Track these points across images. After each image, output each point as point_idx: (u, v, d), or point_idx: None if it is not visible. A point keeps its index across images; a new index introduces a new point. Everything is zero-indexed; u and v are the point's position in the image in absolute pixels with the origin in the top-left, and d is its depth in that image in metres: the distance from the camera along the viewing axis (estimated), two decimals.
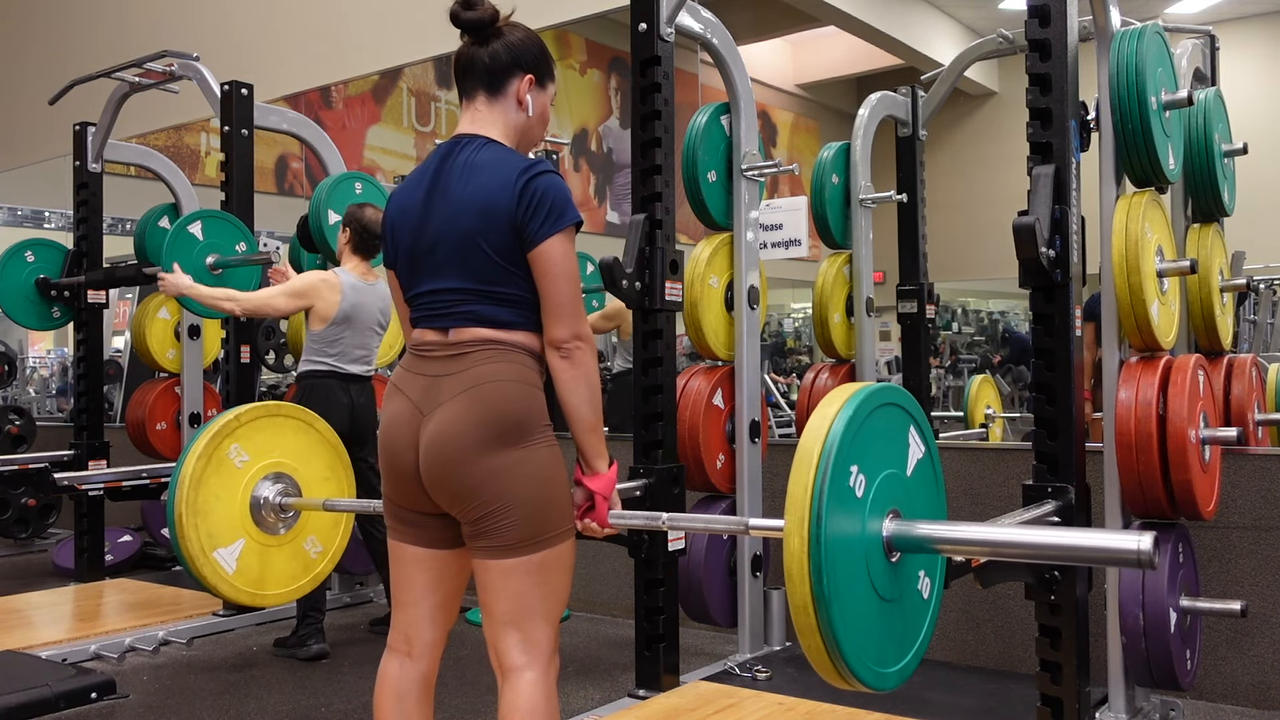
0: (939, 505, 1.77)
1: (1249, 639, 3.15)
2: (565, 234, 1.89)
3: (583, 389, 1.91)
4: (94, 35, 7.10)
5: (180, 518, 2.53)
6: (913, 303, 4.43)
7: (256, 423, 2.68)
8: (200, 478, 2.55)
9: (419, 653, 1.99)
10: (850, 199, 4.24)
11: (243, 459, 2.64)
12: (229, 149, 4.31)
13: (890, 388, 1.67)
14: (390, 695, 1.99)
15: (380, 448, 1.97)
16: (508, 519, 1.83)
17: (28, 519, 6.23)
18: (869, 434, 1.58)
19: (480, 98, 1.99)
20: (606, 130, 8.12)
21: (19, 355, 8.50)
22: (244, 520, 2.65)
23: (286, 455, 2.73)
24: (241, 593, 2.65)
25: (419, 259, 1.95)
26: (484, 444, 1.83)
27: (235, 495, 2.63)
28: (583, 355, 1.89)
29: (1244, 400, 3.14)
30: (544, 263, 1.87)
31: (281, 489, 2.70)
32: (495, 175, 1.89)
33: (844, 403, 1.55)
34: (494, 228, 1.87)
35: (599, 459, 1.97)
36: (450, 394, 1.86)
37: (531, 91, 1.99)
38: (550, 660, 1.89)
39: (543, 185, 1.87)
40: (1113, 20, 2.78)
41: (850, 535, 1.54)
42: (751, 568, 3.54)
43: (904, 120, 4.44)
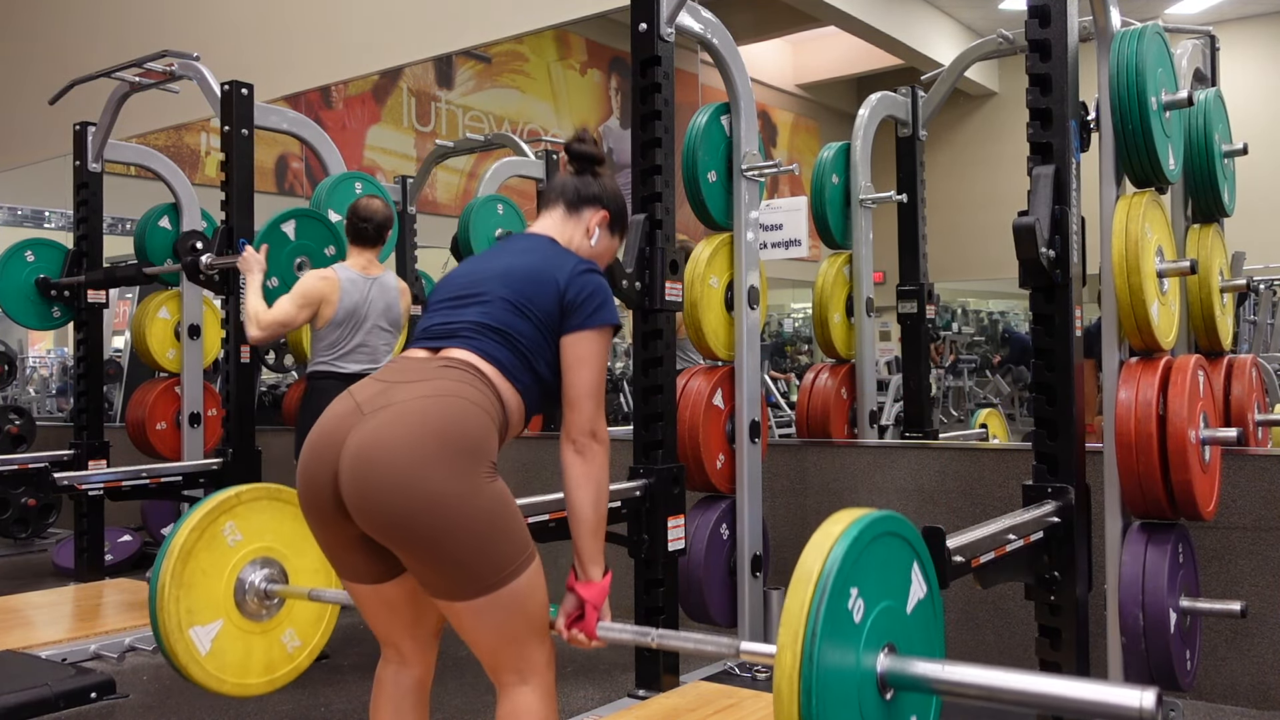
0: (937, 648, 1.70)
1: (1249, 639, 3.15)
2: (604, 331, 1.94)
3: (592, 488, 1.90)
4: (94, 35, 7.10)
5: (163, 588, 2.44)
6: (913, 303, 4.43)
7: (257, 503, 2.60)
8: (191, 550, 2.48)
9: (411, 660, 2.00)
10: (850, 199, 4.24)
11: (236, 538, 2.57)
12: (229, 149, 4.31)
13: (897, 518, 1.60)
14: (386, 701, 2.00)
15: (301, 458, 1.82)
16: (468, 557, 1.71)
17: (27, 519, 6.23)
18: (872, 560, 1.53)
19: (558, 211, 2.13)
20: (607, 130, 8.12)
21: (19, 355, 8.50)
22: (226, 601, 2.56)
23: (280, 541, 2.64)
24: (211, 677, 2.52)
25: (459, 297, 1.97)
26: (434, 457, 1.69)
27: (222, 574, 2.54)
28: (596, 454, 1.90)
29: (1244, 401, 3.14)
30: (578, 349, 1.91)
31: (269, 574, 2.60)
32: (554, 256, 2.00)
33: (849, 524, 1.51)
34: (543, 296, 1.92)
35: (595, 566, 1.93)
36: (403, 398, 1.76)
37: (602, 228, 2.13)
38: (546, 670, 1.87)
39: (596, 281, 1.97)
40: (1113, 20, 2.78)
41: (844, 663, 1.47)
42: (751, 568, 3.54)
43: (904, 120, 4.44)
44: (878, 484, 3.88)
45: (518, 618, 1.80)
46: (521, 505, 2.69)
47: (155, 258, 5.20)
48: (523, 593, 1.79)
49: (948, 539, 2.03)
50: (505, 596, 1.76)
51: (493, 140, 6.46)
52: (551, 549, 2.79)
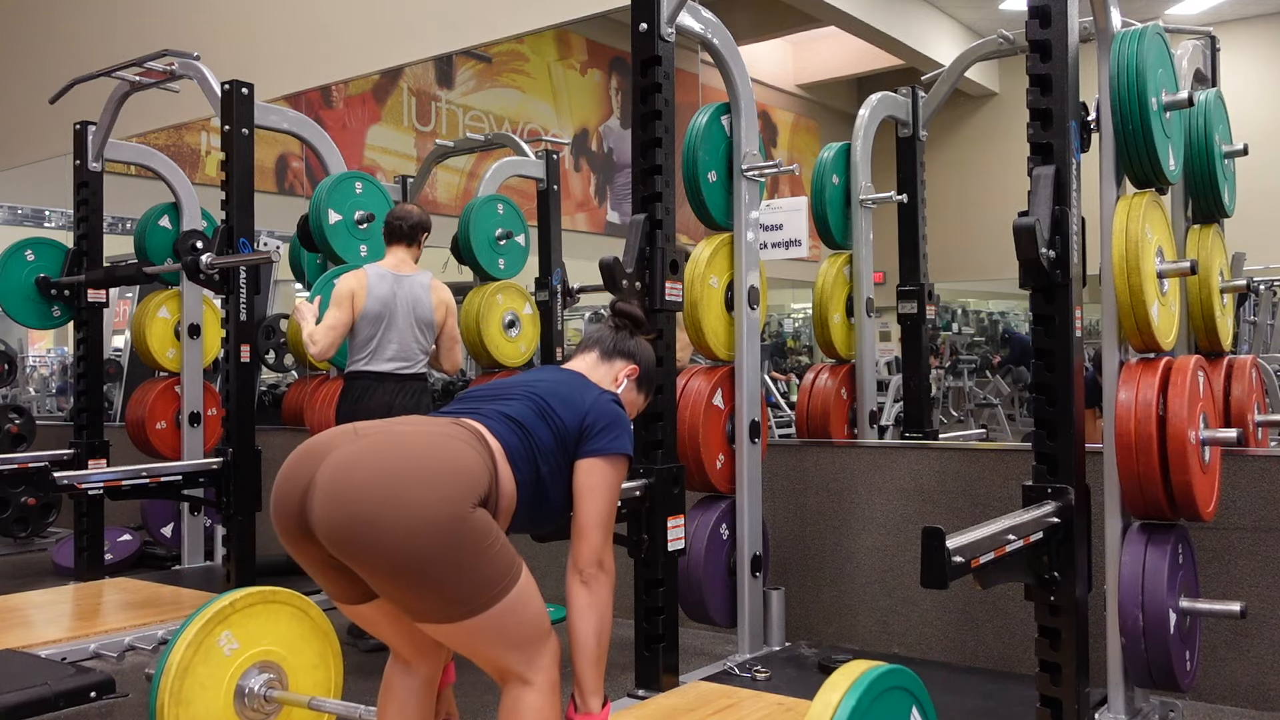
0: None
1: (1248, 640, 3.15)
2: (618, 460, 1.99)
3: (595, 619, 1.93)
4: (94, 34, 7.10)
5: (162, 707, 2.43)
6: (913, 303, 4.43)
7: (251, 609, 2.59)
8: (188, 666, 2.47)
9: (418, 662, 2.00)
10: (850, 199, 4.24)
11: (232, 647, 2.56)
12: (229, 148, 4.31)
13: (896, 671, 1.61)
14: (394, 702, 2.00)
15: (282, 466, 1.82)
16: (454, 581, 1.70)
17: (27, 518, 6.23)
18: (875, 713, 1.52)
19: (593, 355, 2.25)
20: (607, 130, 8.12)
21: (19, 354, 8.50)
22: (226, 712, 2.55)
23: (277, 644, 2.63)
24: None
25: (485, 396, 2.03)
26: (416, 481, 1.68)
27: (220, 685, 2.54)
28: (601, 585, 1.93)
29: (1244, 401, 3.14)
30: (591, 476, 1.94)
31: (268, 680, 2.59)
32: (583, 384, 2.09)
33: (848, 689, 1.50)
34: (567, 412, 1.97)
35: (594, 697, 1.97)
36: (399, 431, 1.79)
37: (630, 380, 2.25)
38: (550, 668, 1.88)
39: (617, 411, 2.03)
40: (1113, 21, 2.78)
41: None
42: (751, 568, 3.54)
43: (904, 121, 4.44)
44: (877, 484, 3.88)
45: (513, 629, 1.80)
46: None
47: (155, 257, 5.20)
48: (514, 606, 1.78)
49: (947, 539, 2.03)
50: (496, 614, 1.76)
51: (493, 140, 6.46)
52: (551, 549, 2.80)
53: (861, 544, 3.90)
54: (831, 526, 3.97)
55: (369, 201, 4.80)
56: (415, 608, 1.73)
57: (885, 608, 3.83)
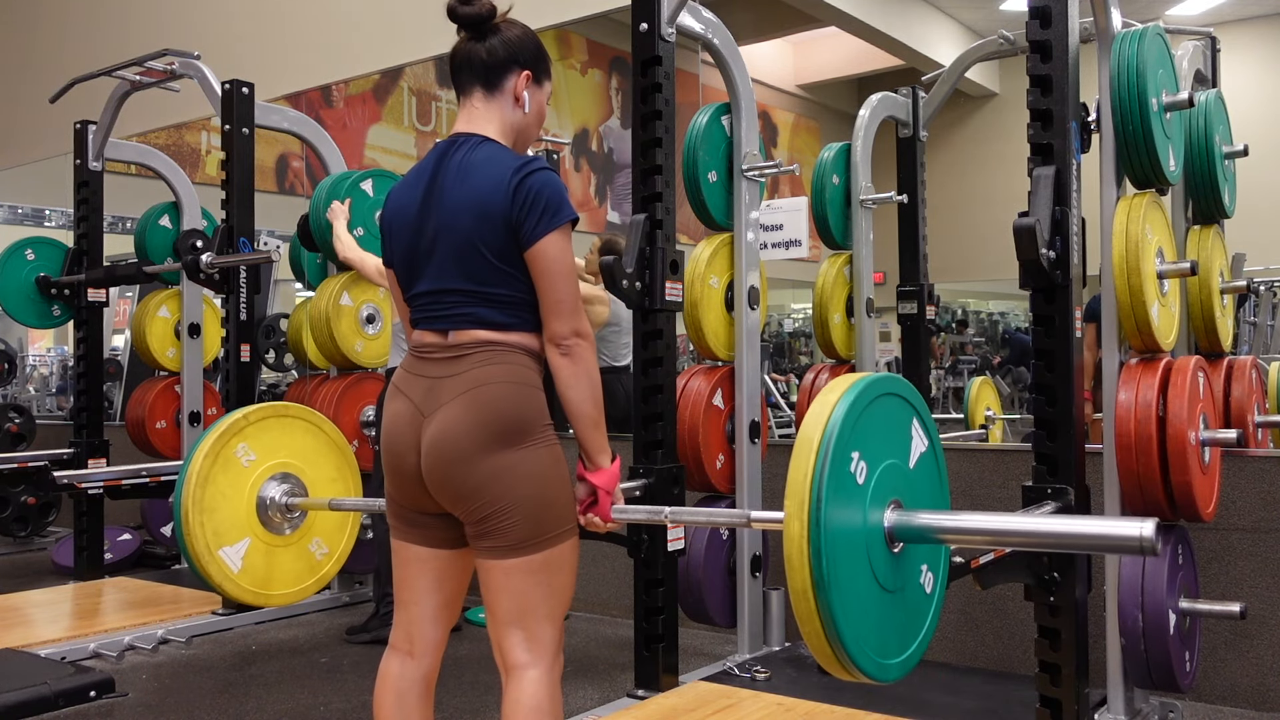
0: (942, 500, 1.76)
1: (1248, 641, 3.15)
2: (561, 231, 1.88)
3: (584, 385, 1.91)
4: (95, 34, 7.10)
5: (187, 514, 2.52)
6: (913, 303, 4.43)
7: (264, 422, 2.67)
8: (208, 475, 2.54)
9: (420, 651, 1.99)
10: (851, 200, 4.24)
11: (250, 458, 2.63)
12: (229, 148, 4.31)
13: (893, 378, 1.65)
14: (390, 694, 1.99)
15: (383, 448, 1.97)
16: (510, 519, 1.83)
17: (27, 517, 6.23)
18: (871, 422, 1.57)
19: (477, 94, 1.97)
20: (607, 130, 8.13)
21: (19, 353, 8.50)
22: (250, 519, 2.64)
23: (294, 456, 2.72)
24: (246, 591, 2.64)
25: (417, 259, 1.95)
26: (483, 446, 1.84)
27: (242, 494, 2.63)
28: (582, 351, 1.90)
29: (1244, 402, 3.14)
30: (540, 261, 1.87)
31: (288, 489, 2.69)
32: (490, 175, 1.88)
33: (845, 390, 1.54)
34: (490, 229, 1.86)
35: (601, 454, 1.97)
36: (450, 396, 1.87)
37: (529, 89, 1.98)
38: (554, 658, 1.90)
39: (537, 183, 1.86)
40: (1114, 22, 2.78)
41: (851, 522, 1.53)
42: (751, 568, 3.54)
43: (905, 121, 4.44)
44: None
45: (544, 587, 1.87)
46: None
47: (155, 256, 5.20)
48: (554, 563, 1.88)
49: None
50: (539, 561, 1.86)
51: None
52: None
53: None
54: None
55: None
56: (485, 541, 1.87)
57: None
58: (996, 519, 1.70)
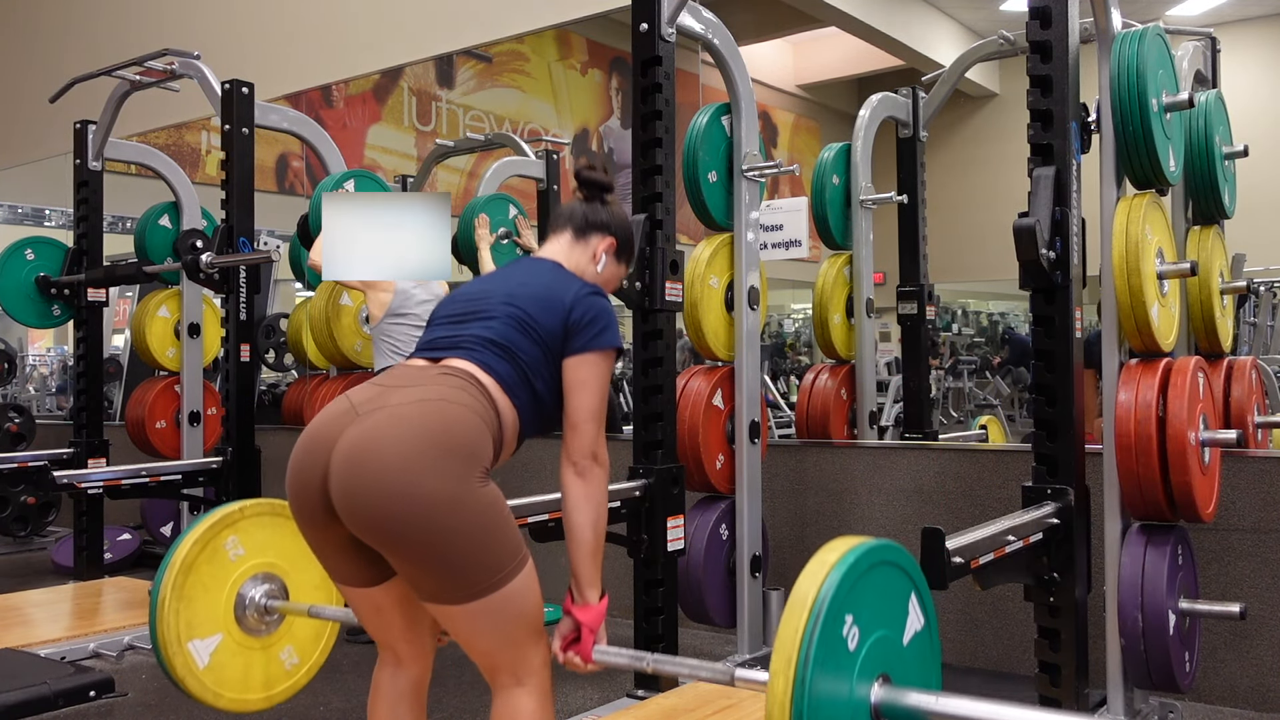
0: (933, 681, 1.67)
1: (1248, 641, 3.15)
2: (607, 354, 1.95)
3: (591, 510, 1.90)
4: (95, 33, 7.10)
5: (163, 601, 2.43)
6: (913, 304, 4.43)
7: (260, 518, 2.59)
8: (193, 564, 2.47)
9: (408, 662, 2.00)
10: (851, 200, 4.24)
11: (238, 552, 2.56)
12: (229, 147, 4.31)
13: (895, 548, 1.56)
14: (383, 703, 2.00)
15: (292, 455, 1.81)
16: (460, 560, 1.70)
17: (27, 517, 6.23)
18: (868, 588, 1.50)
19: (566, 236, 2.13)
20: (607, 130, 8.12)
21: (19, 353, 8.50)
22: (226, 615, 2.54)
23: (282, 558, 2.62)
24: (207, 690, 2.50)
25: (463, 314, 1.97)
26: (424, 461, 1.67)
27: (223, 588, 2.54)
28: (597, 475, 1.91)
29: (1244, 403, 3.14)
30: (580, 371, 1.91)
31: (270, 590, 2.59)
32: (560, 278, 2.01)
33: (846, 551, 1.48)
34: (548, 317, 1.92)
35: (592, 589, 1.93)
36: (397, 401, 1.75)
37: (608, 255, 2.14)
38: (542, 672, 1.86)
39: (600, 304, 1.97)
40: (1114, 22, 2.78)
41: (837, 692, 1.44)
42: (750, 568, 3.54)
43: (905, 121, 4.44)
44: (877, 485, 3.88)
45: (512, 620, 1.79)
46: (521, 505, 2.71)
47: (155, 256, 5.19)
48: (516, 595, 1.78)
49: (947, 540, 2.03)
50: (498, 600, 1.75)
51: (493, 140, 6.47)
52: (552, 548, 2.80)
53: None
54: (831, 527, 3.97)
55: None
56: (427, 587, 1.74)
57: None
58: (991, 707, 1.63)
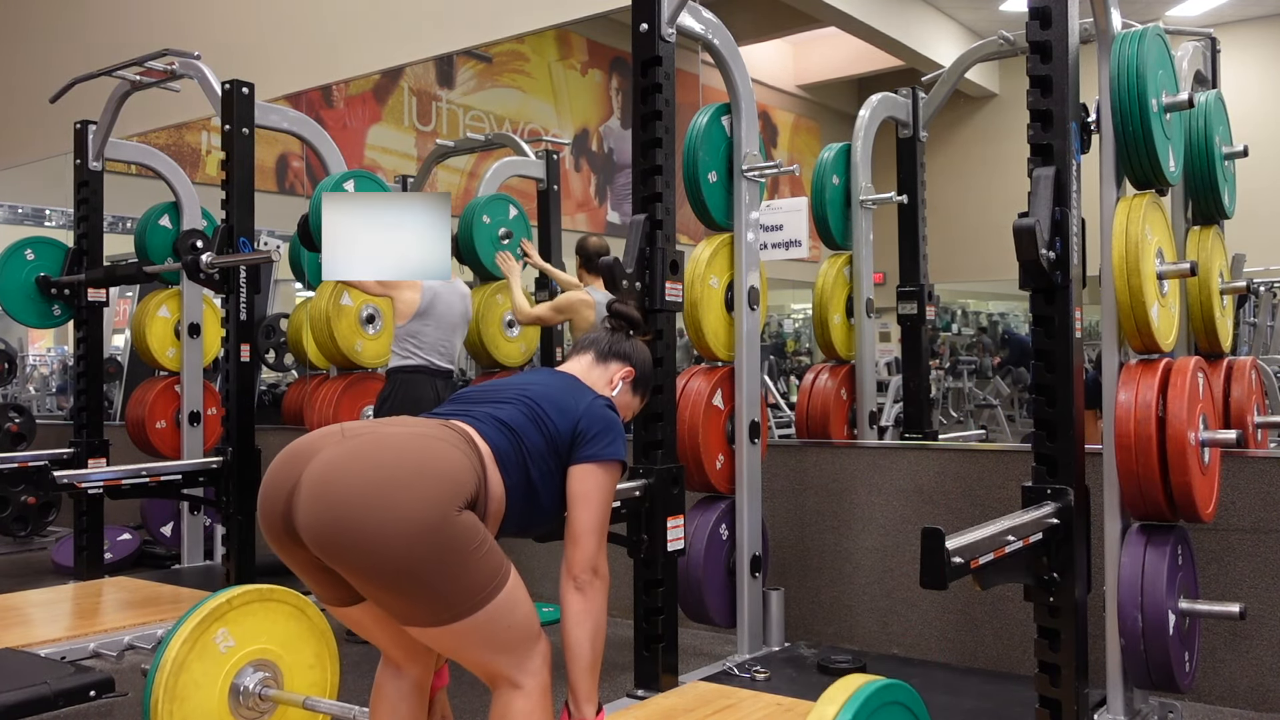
0: None
1: (1247, 641, 3.15)
2: (612, 467, 1.97)
3: (589, 626, 1.91)
4: (95, 33, 7.10)
5: (156, 702, 2.42)
6: (913, 304, 4.43)
7: (248, 607, 2.59)
8: (183, 663, 2.46)
9: (408, 664, 2.00)
10: (851, 200, 4.24)
11: (228, 644, 2.54)
12: (229, 148, 4.31)
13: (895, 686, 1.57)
14: (385, 704, 2.01)
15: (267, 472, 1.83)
16: (441, 585, 1.69)
17: (27, 516, 6.23)
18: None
19: (588, 358, 2.24)
20: (607, 130, 8.12)
21: (19, 353, 8.50)
22: (220, 709, 2.54)
23: (273, 642, 2.62)
24: None
25: (477, 399, 2.01)
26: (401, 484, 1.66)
27: (215, 683, 2.53)
28: (596, 591, 1.92)
29: (1243, 403, 3.14)
30: (585, 482, 1.93)
31: (263, 679, 2.58)
32: (578, 388, 2.07)
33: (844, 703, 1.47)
34: (559, 417, 1.95)
35: (589, 704, 1.95)
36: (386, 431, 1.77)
37: (625, 384, 2.23)
38: (540, 671, 1.87)
39: (611, 417, 2.01)
40: (1114, 22, 2.78)
41: None
42: (750, 568, 3.54)
43: (905, 121, 4.44)
44: (877, 485, 3.88)
45: (501, 632, 1.78)
46: None
47: (155, 256, 5.20)
48: (501, 610, 1.76)
49: (947, 540, 2.03)
50: (482, 618, 1.74)
51: (493, 140, 6.47)
52: (550, 549, 2.80)
53: (861, 544, 3.90)
54: (831, 527, 3.97)
55: None
56: (400, 612, 1.72)
57: (884, 608, 3.83)
58: None
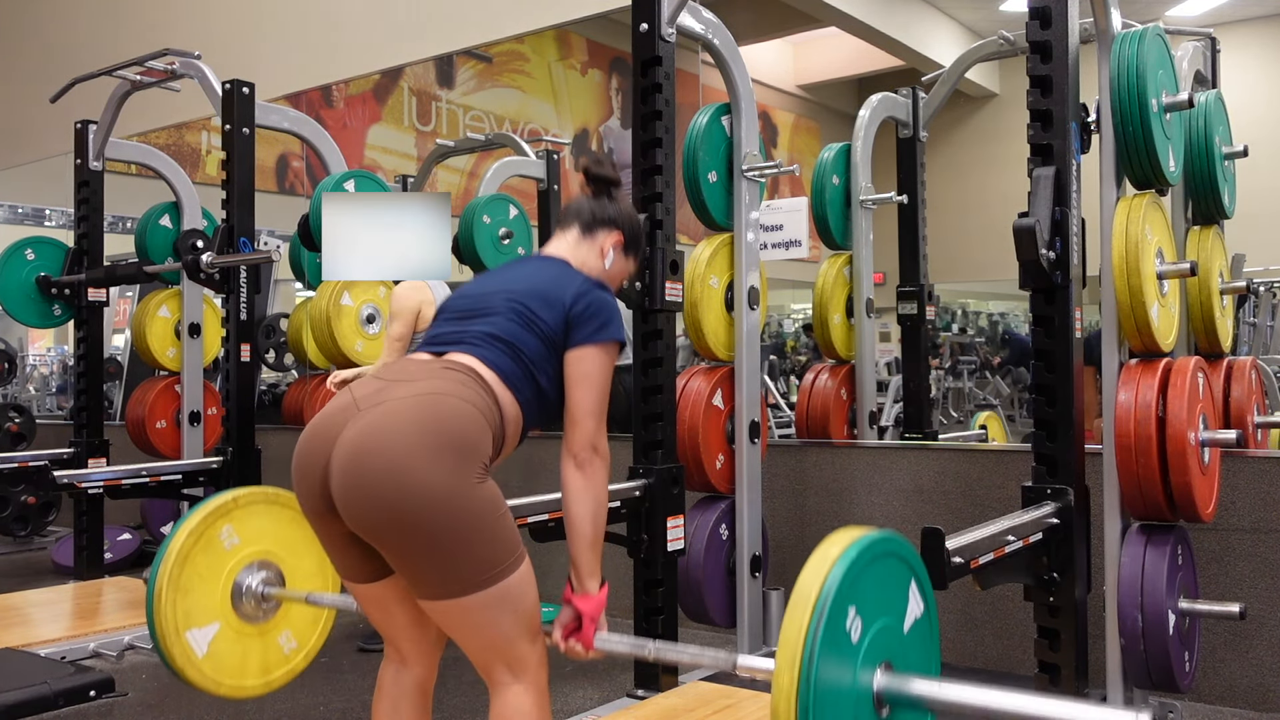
0: (933, 664, 1.71)
1: (1247, 641, 3.15)
2: (608, 346, 1.95)
3: (590, 502, 1.90)
4: (95, 33, 7.10)
5: (160, 592, 2.42)
6: (913, 304, 4.43)
7: (254, 507, 2.59)
8: (188, 554, 2.47)
9: (413, 660, 2.00)
10: (851, 200, 4.24)
11: (233, 541, 2.56)
12: (230, 147, 4.32)
13: (895, 539, 1.60)
14: (386, 701, 2.00)
15: (295, 450, 1.83)
16: (457, 554, 1.71)
17: (27, 516, 6.23)
18: (870, 579, 1.53)
19: (573, 233, 2.15)
20: (607, 130, 8.12)
21: (19, 353, 8.50)
22: (224, 604, 2.55)
23: (277, 545, 2.63)
24: (207, 679, 2.50)
25: (467, 310, 1.98)
26: (423, 454, 1.68)
27: (219, 577, 2.54)
28: (597, 468, 1.91)
29: (1243, 403, 3.14)
30: (581, 365, 1.91)
31: (266, 578, 2.59)
32: (564, 274, 2.02)
33: (848, 545, 1.51)
34: (550, 312, 1.93)
35: (592, 579, 1.94)
36: (398, 395, 1.76)
37: (616, 250, 2.15)
38: (538, 669, 1.87)
39: (602, 298, 1.97)
40: (1114, 22, 2.78)
41: (841, 683, 1.48)
42: (750, 568, 3.54)
43: (905, 121, 4.44)
44: (877, 485, 3.88)
45: (508, 616, 1.79)
46: (522, 505, 2.71)
47: (156, 256, 5.20)
48: (513, 592, 1.78)
49: (947, 540, 2.04)
50: (494, 595, 1.76)
51: (493, 140, 6.47)
52: (551, 549, 2.80)
53: None
54: (831, 527, 3.94)
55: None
56: (422, 579, 1.75)
57: None
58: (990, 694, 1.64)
